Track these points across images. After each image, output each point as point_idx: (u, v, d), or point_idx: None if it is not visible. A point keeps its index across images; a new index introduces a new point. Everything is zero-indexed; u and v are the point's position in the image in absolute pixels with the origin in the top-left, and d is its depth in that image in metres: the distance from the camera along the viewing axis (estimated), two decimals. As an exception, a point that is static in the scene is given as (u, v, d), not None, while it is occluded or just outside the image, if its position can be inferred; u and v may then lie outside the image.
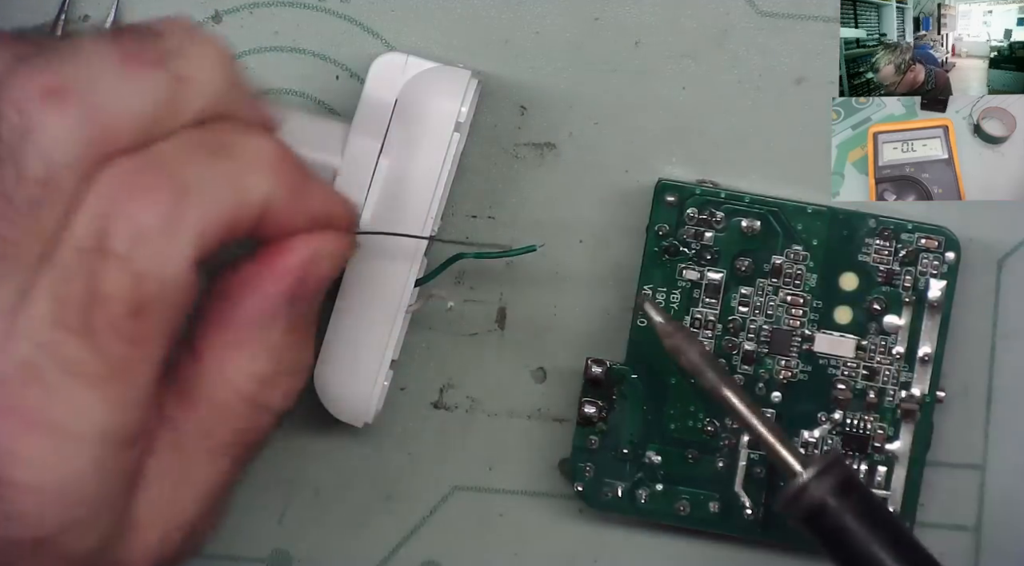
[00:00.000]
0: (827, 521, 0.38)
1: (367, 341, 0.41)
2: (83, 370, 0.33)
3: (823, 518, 0.38)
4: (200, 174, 0.34)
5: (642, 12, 0.44)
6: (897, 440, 0.43)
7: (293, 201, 0.35)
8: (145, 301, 0.33)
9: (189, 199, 0.33)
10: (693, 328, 0.43)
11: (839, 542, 0.39)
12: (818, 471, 0.38)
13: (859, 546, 0.38)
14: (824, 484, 0.38)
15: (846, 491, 0.38)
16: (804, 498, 0.38)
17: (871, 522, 0.38)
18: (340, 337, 0.42)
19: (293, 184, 0.35)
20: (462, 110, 0.41)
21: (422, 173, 0.41)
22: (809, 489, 0.38)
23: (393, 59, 0.42)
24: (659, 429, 0.43)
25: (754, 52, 0.44)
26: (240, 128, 0.35)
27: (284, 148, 0.35)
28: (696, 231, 0.43)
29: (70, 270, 0.32)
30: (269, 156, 0.35)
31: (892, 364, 0.43)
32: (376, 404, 0.42)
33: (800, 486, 0.38)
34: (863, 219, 0.43)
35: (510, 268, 0.44)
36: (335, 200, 0.37)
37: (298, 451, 0.44)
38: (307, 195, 0.35)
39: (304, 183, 0.36)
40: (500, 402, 0.45)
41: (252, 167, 0.34)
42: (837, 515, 0.38)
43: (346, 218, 0.37)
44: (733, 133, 0.44)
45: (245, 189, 0.34)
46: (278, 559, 0.45)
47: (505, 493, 0.45)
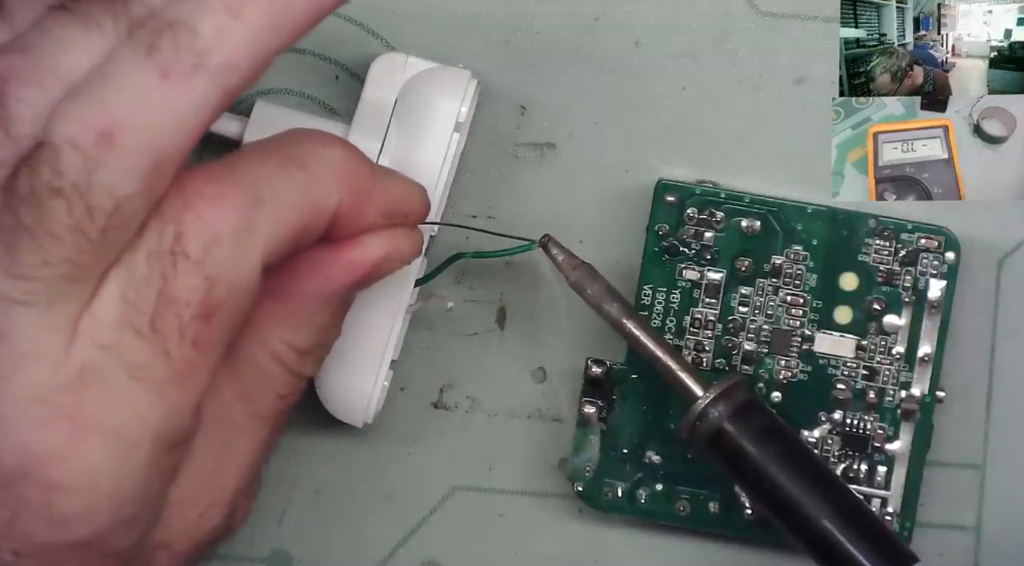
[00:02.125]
0: (726, 444, 0.39)
1: (367, 341, 0.41)
2: (146, 373, 0.33)
3: (721, 441, 0.39)
4: (272, 183, 0.34)
5: (642, 12, 0.44)
6: (897, 440, 0.43)
7: (363, 206, 0.36)
8: (214, 305, 0.33)
9: (262, 207, 0.34)
10: (693, 328, 0.43)
11: (739, 464, 0.40)
12: (716, 395, 0.39)
13: (757, 467, 0.39)
14: (722, 407, 0.39)
15: (743, 414, 0.39)
16: (703, 422, 0.39)
17: (768, 443, 0.39)
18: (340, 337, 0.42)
19: (363, 190, 0.36)
20: (462, 110, 0.41)
21: (422, 173, 0.41)
22: (707, 413, 0.39)
23: (393, 59, 0.42)
24: (659, 429, 0.43)
25: (754, 52, 0.44)
26: (311, 136, 0.36)
27: (354, 153, 0.36)
28: (696, 231, 0.43)
29: (141, 273, 0.33)
30: (339, 164, 0.36)
31: (892, 364, 0.43)
32: (376, 404, 0.42)
33: (699, 411, 0.39)
34: (863, 219, 0.43)
35: (510, 268, 0.44)
36: (407, 196, 0.38)
37: (298, 451, 0.44)
38: (378, 198, 0.36)
39: (374, 186, 0.36)
40: (500, 402, 0.45)
41: (323, 176, 0.35)
42: (734, 437, 0.39)
43: (418, 211, 0.38)
44: (733, 133, 0.44)
45: (316, 198, 0.35)
46: (278, 559, 0.45)
47: (505, 493, 0.45)
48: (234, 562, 0.45)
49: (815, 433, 0.43)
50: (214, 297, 0.33)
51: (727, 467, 0.40)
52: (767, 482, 0.39)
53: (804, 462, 0.40)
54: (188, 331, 0.33)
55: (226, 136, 0.42)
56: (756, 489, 0.40)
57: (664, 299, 0.43)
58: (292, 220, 0.34)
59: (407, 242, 0.38)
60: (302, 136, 0.36)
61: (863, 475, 0.43)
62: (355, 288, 0.37)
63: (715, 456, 0.40)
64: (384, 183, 0.37)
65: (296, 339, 0.37)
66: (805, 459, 0.40)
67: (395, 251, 0.37)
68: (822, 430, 0.43)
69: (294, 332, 0.37)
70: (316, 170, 0.35)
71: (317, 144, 0.36)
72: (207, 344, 0.33)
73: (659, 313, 0.43)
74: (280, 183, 0.34)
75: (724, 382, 0.40)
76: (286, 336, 0.37)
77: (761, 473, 0.39)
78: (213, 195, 0.33)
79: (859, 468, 0.43)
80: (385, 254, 0.37)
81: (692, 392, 0.40)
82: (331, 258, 0.36)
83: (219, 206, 0.33)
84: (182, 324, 0.33)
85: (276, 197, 0.34)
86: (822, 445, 0.43)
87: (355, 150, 0.36)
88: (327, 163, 0.35)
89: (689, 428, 0.40)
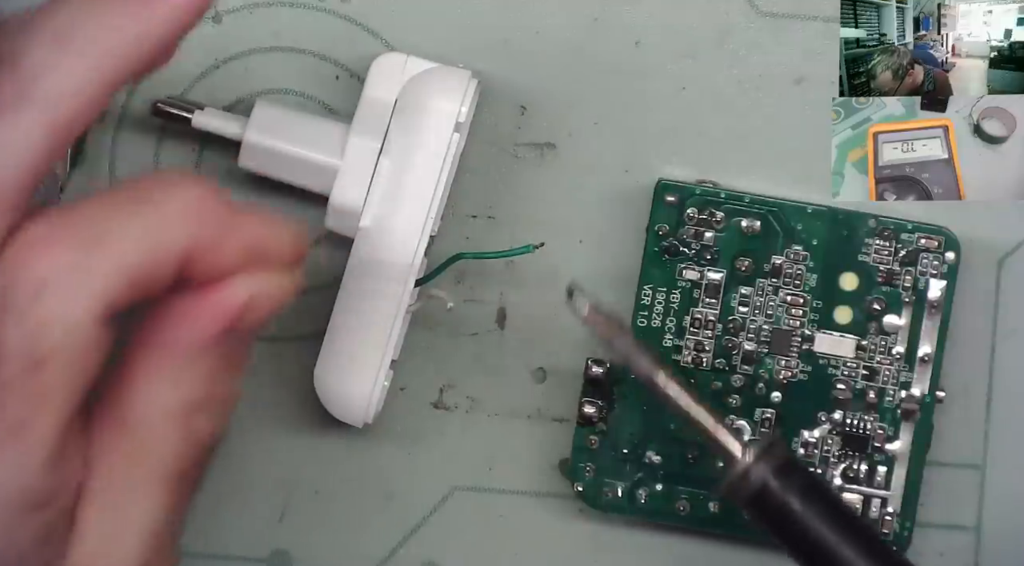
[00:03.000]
0: (770, 503, 0.38)
1: (367, 341, 0.41)
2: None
3: (766, 500, 0.38)
4: (112, 222, 0.33)
5: (642, 12, 0.44)
6: (897, 440, 0.43)
7: (221, 245, 0.34)
8: (45, 355, 0.32)
9: (99, 250, 0.32)
10: (693, 328, 0.43)
11: (784, 523, 0.38)
12: (758, 454, 0.38)
13: (803, 525, 0.38)
14: (764, 466, 0.38)
15: (786, 472, 0.38)
16: (746, 482, 0.38)
17: (813, 501, 0.38)
18: (340, 337, 0.42)
19: (219, 228, 0.34)
20: (462, 110, 0.41)
21: (422, 173, 0.41)
22: (751, 472, 0.38)
23: (393, 59, 0.42)
24: (659, 429, 0.43)
25: (754, 52, 0.44)
26: (163, 178, 0.34)
27: (209, 192, 0.34)
28: (696, 231, 0.43)
29: None
30: (190, 202, 0.34)
31: (892, 364, 0.43)
32: (376, 404, 0.42)
33: (742, 470, 0.38)
34: (863, 219, 0.43)
35: (510, 268, 0.44)
36: (272, 235, 0.35)
37: (298, 451, 0.44)
38: (237, 237, 0.34)
39: (233, 225, 0.34)
40: (500, 402, 0.45)
41: (170, 214, 0.33)
42: (779, 496, 0.38)
43: (292, 249, 0.35)
44: (733, 133, 0.44)
45: (162, 236, 0.33)
46: (278, 559, 0.45)
47: (505, 493, 0.45)
48: (234, 562, 0.45)
49: (815, 433, 0.43)
50: (43, 347, 0.32)
51: (770, 526, 0.39)
52: (811, 540, 0.38)
53: (849, 520, 0.39)
54: (16, 385, 0.31)
55: (226, 136, 0.42)
56: (800, 548, 0.39)
57: (664, 299, 0.43)
58: (135, 260, 0.33)
59: (275, 283, 0.35)
60: (154, 178, 0.34)
61: (863, 475, 0.43)
62: (229, 334, 0.35)
63: (755, 516, 0.39)
64: (245, 222, 0.34)
65: (180, 392, 0.35)
66: (850, 518, 0.39)
67: (262, 293, 0.34)
68: (822, 430, 0.43)
69: (176, 384, 0.34)
70: (163, 208, 0.33)
71: (168, 184, 0.34)
72: (40, 396, 0.32)
73: (659, 313, 0.43)
74: (121, 222, 0.33)
75: (764, 441, 0.38)
76: (169, 389, 0.34)
77: (806, 529, 0.38)
78: (43, 238, 0.32)
79: (859, 468, 0.43)
80: (250, 296, 0.34)
81: (731, 452, 0.38)
82: (196, 303, 0.34)
83: (49, 249, 0.32)
84: (9, 378, 0.31)
85: (116, 236, 0.32)
86: (822, 445, 0.43)
87: (211, 189, 0.34)
88: (176, 201, 0.34)
89: (731, 488, 0.38)
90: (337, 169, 0.41)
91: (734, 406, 0.43)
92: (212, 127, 0.42)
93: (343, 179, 0.41)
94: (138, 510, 0.35)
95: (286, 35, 0.44)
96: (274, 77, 0.44)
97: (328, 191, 0.42)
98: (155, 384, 0.34)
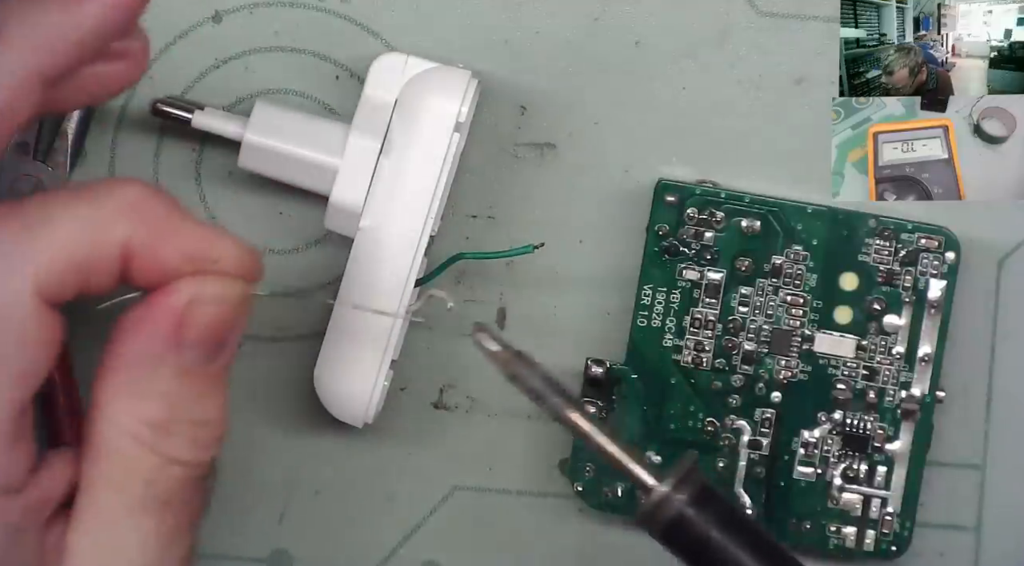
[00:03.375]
0: (687, 532, 0.37)
1: (367, 341, 0.41)
2: None
3: (683, 530, 0.37)
4: (49, 213, 0.34)
5: (642, 12, 0.44)
6: (897, 440, 0.43)
7: (160, 243, 0.34)
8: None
9: (33, 233, 0.33)
10: (693, 328, 0.43)
11: (700, 553, 0.37)
12: (674, 483, 0.36)
13: (721, 555, 0.36)
14: (681, 495, 0.36)
15: (703, 501, 0.37)
16: (662, 511, 0.36)
17: (731, 530, 0.37)
18: (340, 337, 0.42)
19: (159, 227, 0.34)
20: (462, 110, 0.41)
21: (422, 173, 0.41)
22: (666, 501, 0.36)
23: (393, 59, 0.42)
24: (659, 429, 0.43)
25: (754, 52, 0.44)
26: (108, 179, 0.35)
27: (152, 192, 0.35)
28: (696, 231, 0.43)
29: None
30: (131, 199, 0.34)
31: (892, 364, 0.43)
32: (376, 404, 0.42)
33: (657, 499, 0.36)
34: (863, 219, 0.43)
35: (510, 268, 0.44)
36: (218, 242, 0.35)
37: (298, 451, 0.44)
38: (178, 238, 0.35)
39: (175, 226, 0.35)
40: (500, 402, 0.45)
41: (110, 209, 0.34)
42: (696, 525, 0.36)
43: (237, 261, 0.35)
44: (733, 133, 0.44)
45: (99, 228, 0.34)
46: (278, 559, 0.45)
47: (505, 493, 0.45)
48: (234, 562, 0.45)
49: (815, 433, 0.43)
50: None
51: (685, 557, 0.37)
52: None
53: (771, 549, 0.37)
54: None
55: (226, 136, 0.42)
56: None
57: (664, 299, 0.43)
58: (68, 247, 0.33)
59: (215, 287, 0.35)
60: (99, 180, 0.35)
61: (863, 475, 0.43)
62: (180, 342, 0.35)
63: (670, 546, 0.37)
64: (187, 225, 0.35)
65: (143, 411, 0.35)
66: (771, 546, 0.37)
67: (202, 293, 0.35)
68: (822, 430, 0.43)
69: (137, 403, 0.35)
70: (102, 202, 0.34)
71: (111, 183, 0.35)
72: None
73: (659, 313, 0.43)
74: (58, 211, 0.34)
75: (679, 469, 0.37)
76: (130, 408, 0.35)
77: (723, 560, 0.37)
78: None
79: (859, 468, 0.43)
80: (191, 296, 0.34)
81: (645, 482, 0.37)
82: (142, 310, 0.35)
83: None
84: None
85: (51, 223, 0.33)
86: (822, 445, 0.43)
87: (155, 190, 0.35)
88: (117, 197, 0.34)
89: (646, 517, 0.37)
90: (337, 169, 0.41)
91: (734, 406, 0.43)
92: (212, 127, 0.42)
93: (343, 179, 0.41)
94: (125, 542, 0.35)
95: (286, 35, 0.44)
96: (274, 77, 0.44)
97: (328, 191, 0.42)
98: (113, 402, 0.35)
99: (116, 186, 0.35)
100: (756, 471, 0.43)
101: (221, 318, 0.35)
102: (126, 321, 0.35)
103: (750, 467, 0.43)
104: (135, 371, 0.35)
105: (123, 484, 0.35)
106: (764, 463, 0.43)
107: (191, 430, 0.35)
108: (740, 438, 0.43)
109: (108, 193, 0.34)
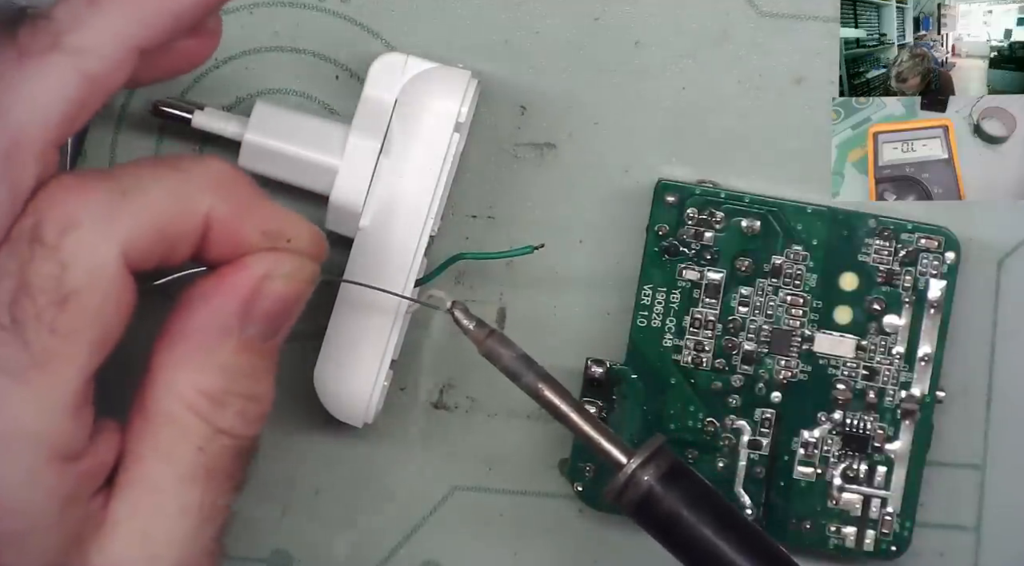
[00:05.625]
0: (656, 509, 0.38)
1: (367, 341, 0.41)
2: (10, 365, 0.33)
3: (652, 506, 0.38)
4: (140, 179, 0.34)
5: (642, 12, 0.44)
6: (897, 440, 0.43)
7: (241, 219, 0.35)
8: (71, 291, 0.33)
9: (125, 198, 0.34)
10: (693, 328, 0.43)
11: (670, 530, 0.38)
12: (643, 460, 0.38)
13: (689, 531, 0.38)
14: (650, 472, 0.38)
15: (673, 477, 0.38)
16: (631, 488, 0.38)
17: (700, 506, 0.38)
18: (340, 337, 0.42)
19: (241, 202, 0.35)
20: (462, 110, 0.41)
21: (422, 173, 0.41)
22: (635, 478, 0.38)
23: (393, 59, 0.42)
24: (659, 429, 0.43)
25: (754, 52, 0.44)
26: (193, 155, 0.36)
27: (234, 169, 0.36)
28: (696, 231, 0.43)
29: (2, 266, 0.33)
30: (215, 173, 0.35)
31: (892, 364, 0.43)
32: (376, 404, 0.42)
33: (626, 476, 0.38)
34: (863, 219, 0.43)
35: (510, 268, 0.44)
36: (294, 223, 0.36)
37: (298, 451, 0.44)
38: (258, 215, 0.36)
39: (255, 204, 0.36)
40: (500, 402, 0.45)
41: (196, 180, 0.35)
42: (665, 501, 0.38)
43: (309, 242, 0.37)
44: (733, 133, 0.44)
45: (185, 197, 0.35)
46: (278, 559, 0.45)
47: (505, 493, 0.45)
48: (234, 562, 0.45)
49: (815, 433, 0.43)
50: (70, 283, 0.33)
51: (656, 532, 0.38)
52: (700, 546, 0.38)
53: (735, 521, 0.38)
54: (44, 317, 0.33)
55: (226, 136, 0.42)
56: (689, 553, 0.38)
57: (664, 299, 0.43)
58: (157, 215, 0.34)
59: (290, 264, 0.36)
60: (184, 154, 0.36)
61: (863, 475, 0.43)
62: (247, 316, 0.35)
63: (641, 522, 0.38)
64: (265, 203, 0.36)
65: (202, 382, 0.35)
66: (735, 518, 0.39)
67: (276, 270, 0.35)
68: (822, 430, 0.43)
69: (198, 373, 0.35)
70: (189, 173, 0.35)
71: (197, 157, 0.36)
72: (66, 332, 0.33)
73: (659, 313, 0.43)
74: (148, 179, 0.34)
75: (649, 447, 0.38)
76: (191, 379, 0.35)
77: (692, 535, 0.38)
78: (74, 185, 0.33)
79: (859, 468, 0.43)
80: (264, 271, 0.35)
81: (616, 459, 0.38)
82: (213, 282, 0.35)
83: (78, 194, 0.33)
84: (38, 310, 0.33)
85: (141, 191, 0.34)
86: (822, 445, 0.43)
87: (237, 168, 0.36)
88: (202, 170, 0.35)
89: (616, 494, 0.38)
90: (337, 169, 0.41)
91: (734, 406, 0.43)
92: (212, 127, 0.42)
93: (343, 179, 0.41)
94: (170, 512, 0.35)
95: (286, 35, 0.44)
96: (274, 77, 0.44)
97: (328, 191, 0.42)
98: (174, 372, 0.35)
99: (201, 161, 0.35)
100: (756, 471, 0.43)
101: (291, 295, 0.36)
102: (195, 292, 0.35)
103: (750, 467, 0.43)
104: (201, 342, 0.35)
105: (174, 453, 0.35)
106: (764, 463, 0.43)
107: (242, 404, 0.36)
108: (740, 438, 0.43)
109: (194, 166, 0.35)
